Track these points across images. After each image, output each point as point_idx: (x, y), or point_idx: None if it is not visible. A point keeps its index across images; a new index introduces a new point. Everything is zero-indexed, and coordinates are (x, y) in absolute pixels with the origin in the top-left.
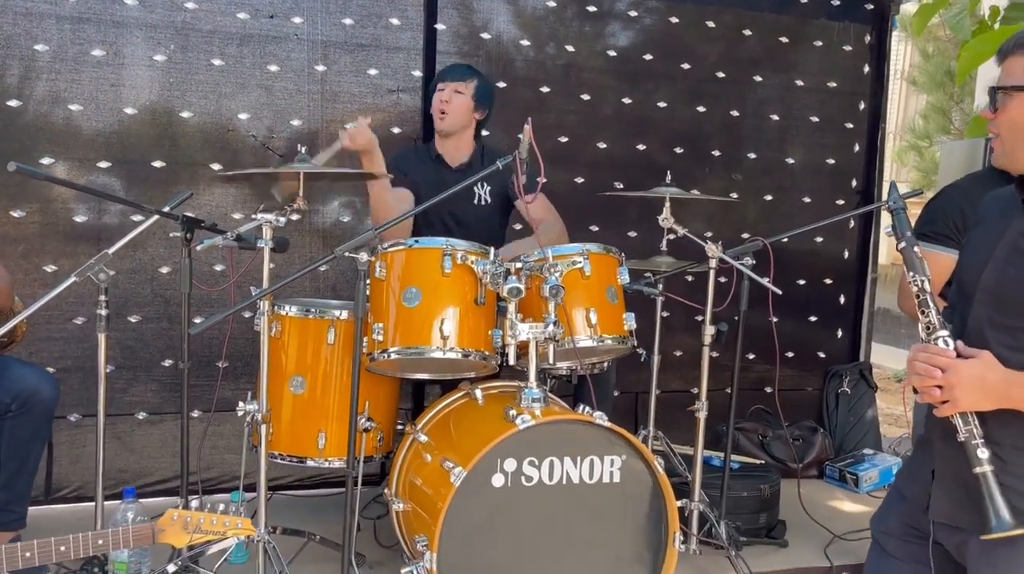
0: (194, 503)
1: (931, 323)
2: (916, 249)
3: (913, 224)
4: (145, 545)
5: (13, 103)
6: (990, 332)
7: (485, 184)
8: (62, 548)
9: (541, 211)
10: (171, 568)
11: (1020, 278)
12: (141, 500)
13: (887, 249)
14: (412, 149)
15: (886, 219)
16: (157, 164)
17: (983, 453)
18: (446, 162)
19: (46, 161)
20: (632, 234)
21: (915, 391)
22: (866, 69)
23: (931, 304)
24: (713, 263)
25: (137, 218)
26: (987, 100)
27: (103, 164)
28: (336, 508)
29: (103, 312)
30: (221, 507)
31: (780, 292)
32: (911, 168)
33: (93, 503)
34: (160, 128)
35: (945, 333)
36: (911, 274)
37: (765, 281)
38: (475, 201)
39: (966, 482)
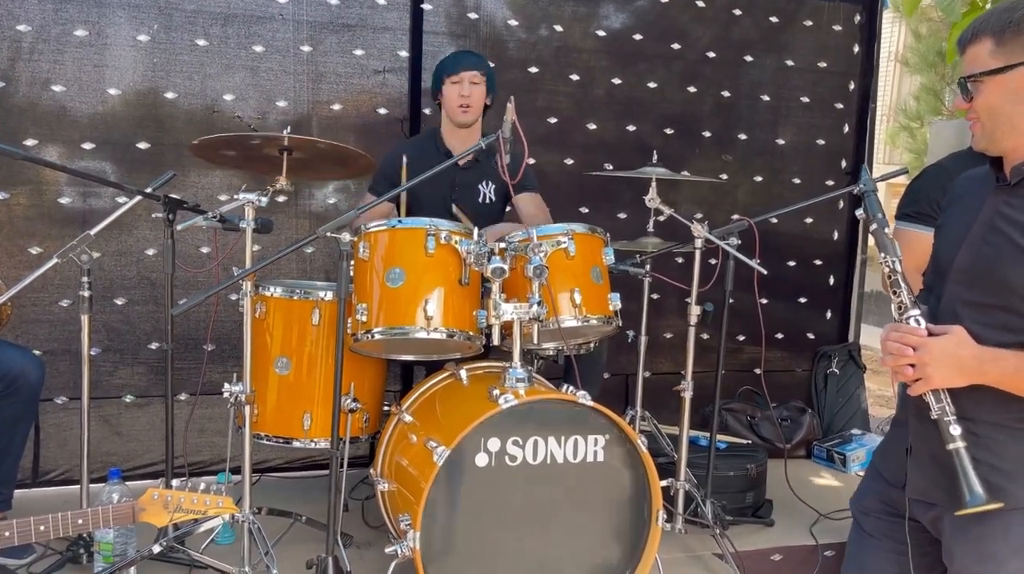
0: (175, 483)
1: (903, 303)
2: (887, 230)
3: (898, 204)
4: (126, 524)
5: None
6: (963, 310)
7: (489, 183)
8: (41, 527)
9: (534, 208)
10: (156, 549)
11: (995, 255)
12: (128, 483)
13: None
14: (420, 142)
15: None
16: (142, 145)
17: (956, 429)
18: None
19: (30, 143)
20: (622, 216)
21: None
22: (856, 49)
23: (902, 284)
24: (699, 243)
25: (123, 200)
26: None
27: (87, 146)
28: (324, 489)
29: (86, 294)
30: (202, 486)
31: (766, 272)
32: (903, 150)
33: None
34: (145, 109)
35: (917, 312)
36: (882, 255)
37: (754, 262)
38: (480, 199)
39: (940, 459)
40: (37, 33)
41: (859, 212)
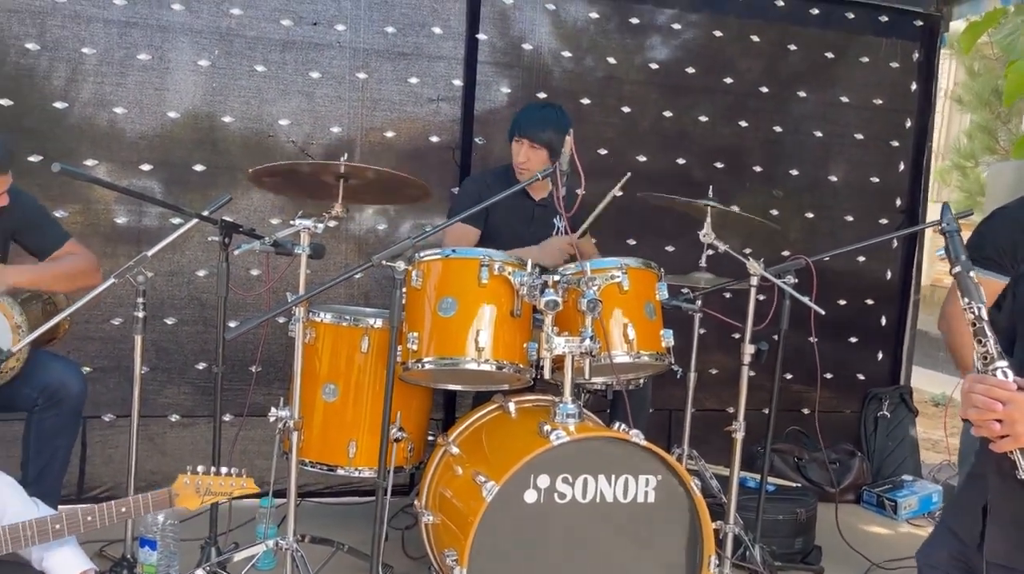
0: (200, 469)
1: (988, 353)
2: (971, 274)
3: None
4: (163, 509)
5: (59, 105)
6: None
7: (562, 218)
8: (89, 518)
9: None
10: (200, 573)
11: None
12: None
13: (927, 270)
14: (497, 174)
15: (931, 240)
16: (198, 168)
17: None
18: (529, 194)
19: (89, 163)
20: (670, 249)
21: (970, 424)
22: (913, 86)
23: (988, 332)
24: (754, 281)
25: (176, 221)
26: None
27: (145, 167)
28: (364, 517)
29: (140, 314)
30: (225, 470)
31: (824, 312)
32: (954, 188)
33: None
34: (202, 132)
35: (1004, 363)
36: (965, 300)
37: (810, 302)
38: (555, 234)
39: None
40: (101, 56)
41: (938, 253)
